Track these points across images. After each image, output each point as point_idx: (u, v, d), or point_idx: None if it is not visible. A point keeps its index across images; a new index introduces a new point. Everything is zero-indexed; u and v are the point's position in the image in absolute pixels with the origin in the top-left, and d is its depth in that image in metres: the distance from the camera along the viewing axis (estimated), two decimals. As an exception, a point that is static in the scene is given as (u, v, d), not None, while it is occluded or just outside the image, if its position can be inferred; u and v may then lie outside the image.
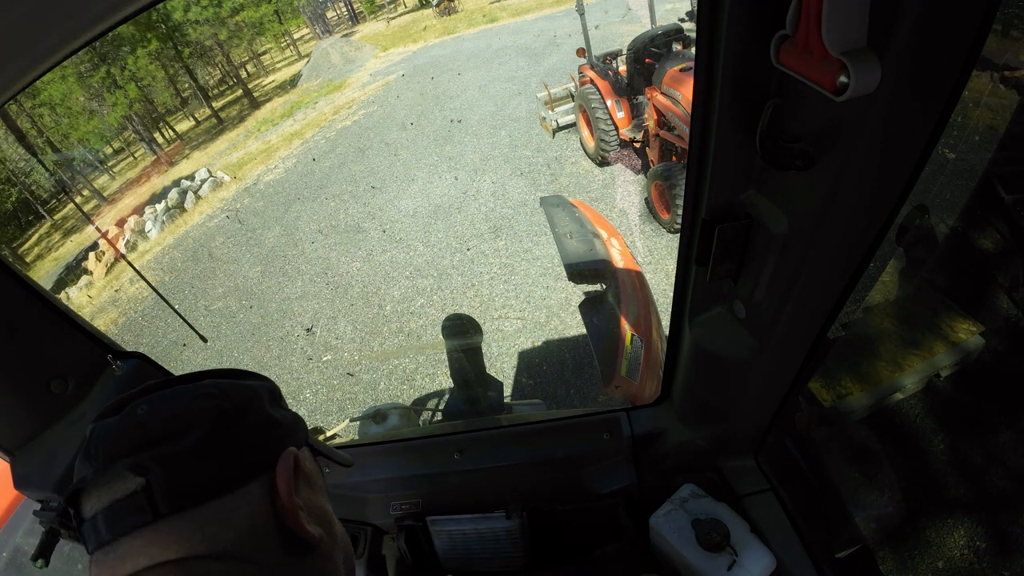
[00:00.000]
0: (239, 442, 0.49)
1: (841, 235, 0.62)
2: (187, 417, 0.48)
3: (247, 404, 0.52)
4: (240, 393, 0.52)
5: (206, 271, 8.00)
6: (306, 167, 10.46)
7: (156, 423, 0.47)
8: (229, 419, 0.49)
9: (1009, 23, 2.52)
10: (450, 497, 1.26)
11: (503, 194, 6.97)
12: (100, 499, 0.45)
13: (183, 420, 0.48)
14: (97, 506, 0.45)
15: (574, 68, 7.14)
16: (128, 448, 0.46)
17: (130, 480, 0.44)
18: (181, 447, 0.46)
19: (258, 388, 0.55)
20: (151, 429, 0.47)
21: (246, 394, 0.53)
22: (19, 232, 17.17)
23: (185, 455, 0.46)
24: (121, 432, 0.47)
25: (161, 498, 0.44)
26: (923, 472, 2.28)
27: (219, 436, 0.48)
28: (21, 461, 0.85)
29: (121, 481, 0.44)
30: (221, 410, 0.49)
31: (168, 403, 0.49)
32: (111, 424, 0.48)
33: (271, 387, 0.59)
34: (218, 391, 0.51)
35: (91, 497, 0.46)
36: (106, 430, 0.48)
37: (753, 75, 0.57)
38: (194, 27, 18.82)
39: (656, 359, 2.25)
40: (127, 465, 0.44)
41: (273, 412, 0.54)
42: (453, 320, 2.33)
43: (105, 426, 0.48)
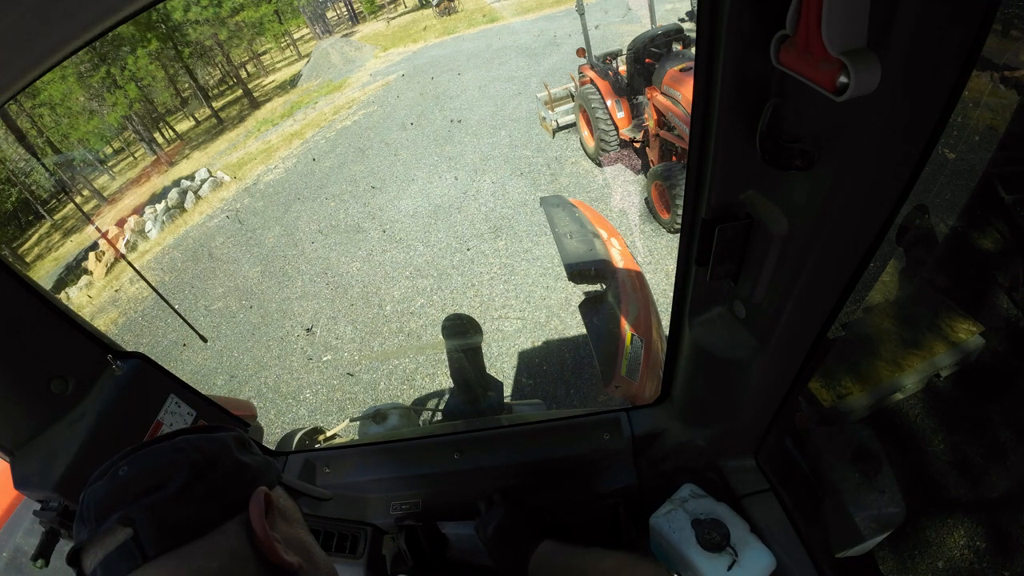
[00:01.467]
0: (213, 487, 0.55)
1: (841, 235, 0.62)
2: (164, 471, 0.54)
3: (217, 454, 0.58)
4: (209, 445, 0.58)
5: (206, 271, 8.00)
6: (306, 167, 10.46)
7: (137, 480, 0.53)
8: (201, 468, 0.55)
9: (1009, 23, 2.52)
10: (450, 497, 1.26)
11: (503, 194, 6.98)
12: (96, 555, 0.50)
13: (161, 474, 0.53)
14: (95, 561, 0.50)
15: (574, 68, 7.14)
16: (116, 505, 0.51)
17: (120, 532, 0.50)
18: (161, 497, 0.52)
19: (226, 439, 0.61)
20: (133, 485, 0.53)
21: (215, 445, 0.59)
22: (19, 232, 17.17)
23: (165, 503, 0.51)
24: (107, 493, 0.53)
25: (148, 543, 0.49)
26: (923, 472, 2.28)
27: (194, 484, 0.53)
28: (21, 461, 0.85)
29: (112, 535, 0.50)
30: (193, 461, 0.55)
31: (145, 461, 0.55)
32: (98, 488, 0.54)
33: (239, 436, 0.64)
34: (188, 445, 0.57)
35: (89, 554, 0.51)
36: (95, 494, 0.53)
37: (753, 75, 0.57)
38: (194, 27, 18.81)
39: (656, 359, 2.24)
40: (115, 519, 0.50)
41: (242, 457, 0.60)
42: (453, 320, 2.33)
43: (94, 491, 0.54)
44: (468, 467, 1.24)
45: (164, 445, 0.57)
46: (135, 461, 0.55)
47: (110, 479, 0.54)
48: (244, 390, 5.24)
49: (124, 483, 0.53)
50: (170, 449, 0.56)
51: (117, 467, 0.54)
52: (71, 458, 0.83)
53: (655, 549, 1.10)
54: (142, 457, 0.55)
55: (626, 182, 6.19)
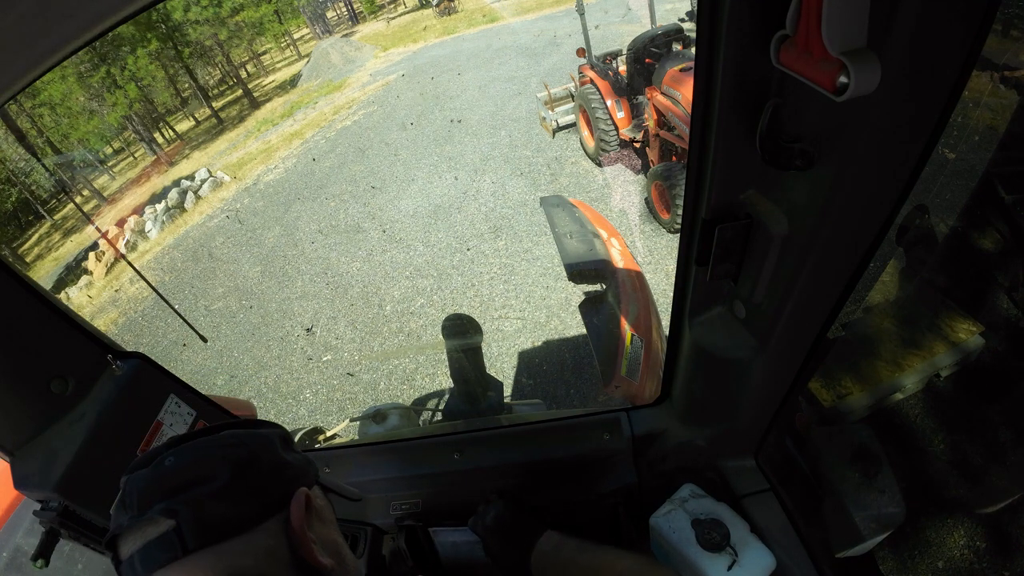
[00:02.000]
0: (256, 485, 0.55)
1: (841, 235, 0.62)
2: (209, 465, 0.54)
3: (261, 451, 0.58)
4: (255, 441, 0.59)
5: (206, 271, 8.00)
6: (306, 167, 10.46)
7: (183, 472, 0.54)
8: (245, 465, 0.55)
9: (1009, 23, 2.52)
10: (450, 497, 1.26)
11: (503, 194, 6.98)
12: (135, 542, 0.51)
13: (206, 468, 0.54)
14: (132, 548, 0.51)
15: (574, 68, 7.14)
16: (159, 495, 0.52)
17: (162, 523, 0.50)
18: (205, 491, 0.52)
19: (271, 435, 0.62)
20: (179, 477, 0.53)
21: (260, 442, 0.59)
22: (19, 232, 17.17)
23: (209, 498, 0.52)
24: (152, 482, 0.53)
25: (189, 536, 0.50)
26: (923, 472, 2.28)
27: (238, 481, 0.54)
28: (21, 461, 0.85)
29: (154, 525, 0.50)
30: (238, 458, 0.56)
31: (191, 454, 0.55)
32: (142, 475, 0.54)
33: (283, 434, 0.64)
34: (236, 441, 0.58)
35: (127, 541, 0.52)
36: (138, 481, 0.54)
37: (753, 75, 0.57)
38: (194, 27, 18.81)
39: (656, 359, 2.24)
40: (159, 510, 0.50)
41: (285, 456, 0.61)
42: (453, 320, 2.33)
43: (137, 478, 0.54)
44: (468, 467, 1.24)
45: (211, 439, 0.57)
46: (182, 452, 0.55)
47: (155, 468, 0.54)
48: (244, 390, 5.24)
49: (169, 473, 0.53)
50: (217, 443, 0.57)
51: (164, 456, 0.55)
52: (71, 458, 0.83)
53: (655, 549, 1.10)
54: (188, 449, 0.56)
55: (626, 182, 6.19)
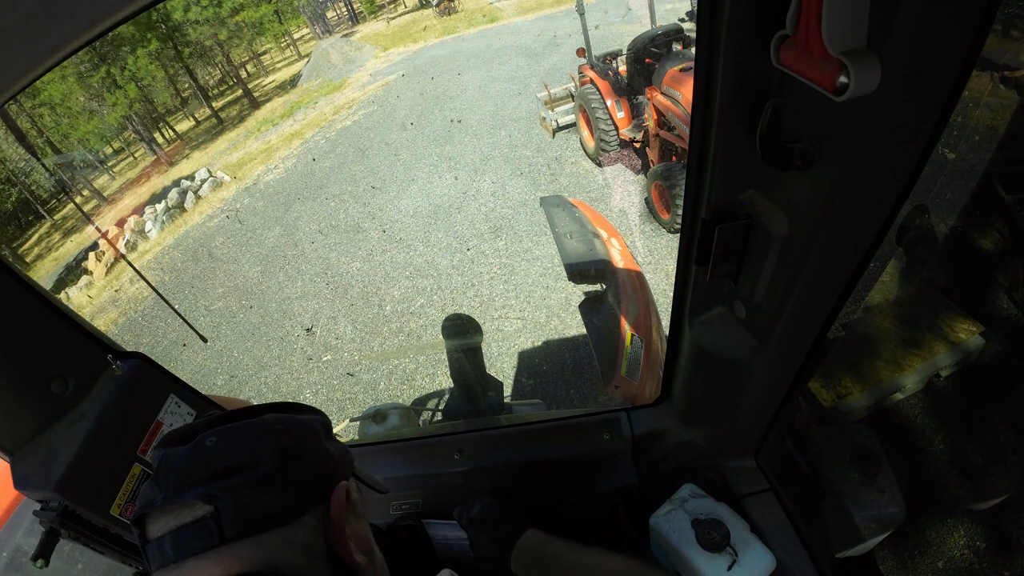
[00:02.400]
0: (299, 476, 0.53)
1: (841, 235, 0.62)
2: (254, 451, 0.52)
3: (305, 439, 0.56)
4: (299, 428, 0.56)
5: (206, 271, 8.00)
6: (306, 167, 10.46)
7: (225, 456, 0.51)
8: (290, 454, 0.53)
9: (1009, 23, 2.51)
10: (450, 497, 1.25)
11: (503, 194, 6.97)
12: (166, 523, 0.48)
13: (250, 454, 0.51)
14: (163, 529, 0.48)
15: (574, 68, 7.14)
16: (198, 478, 0.49)
17: (199, 508, 0.48)
18: (248, 479, 0.50)
19: (314, 423, 0.59)
20: (220, 461, 0.51)
21: (305, 429, 0.57)
22: (19, 232, 17.17)
23: (251, 487, 0.49)
24: (191, 462, 0.51)
25: (228, 524, 0.47)
26: (923, 472, 2.28)
27: (282, 470, 0.52)
28: (21, 461, 0.85)
29: (190, 508, 0.48)
30: (283, 446, 0.53)
31: (235, 437, 0.53)
32: (181, 453, 0.52)
33: (324, 421, 0.62)
34: (280, 427, 0.55)
35: (158, 521, 0.49)
36: (176, 459, 0.51)
37: (753, 75, 0.57)
38: (194, 27, 18.81)
39: (656, 359, 2.25)
40: (198, 494, 0.48)
41: (328, 446, 0.58)
42: (453, 320, 2.33)
43: (175, 455, 0.52)
44: (468, 467, 1.24)
45: (255, 422, 0.55)
46: (225, 435, 0.53)
47: (196, 448, 0.51)
48: (244, 390, 5.24)
49: (211, 456, 0.51)
50: (261, 429, 0.54)
51: (205, 436, 0.52)
52: (71, 458, 0.83)
53: (655, 549, 1.10)
54: (232, 432, 0.53)
55: (626, 182, 6.19)
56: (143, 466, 0.93)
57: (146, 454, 0.94)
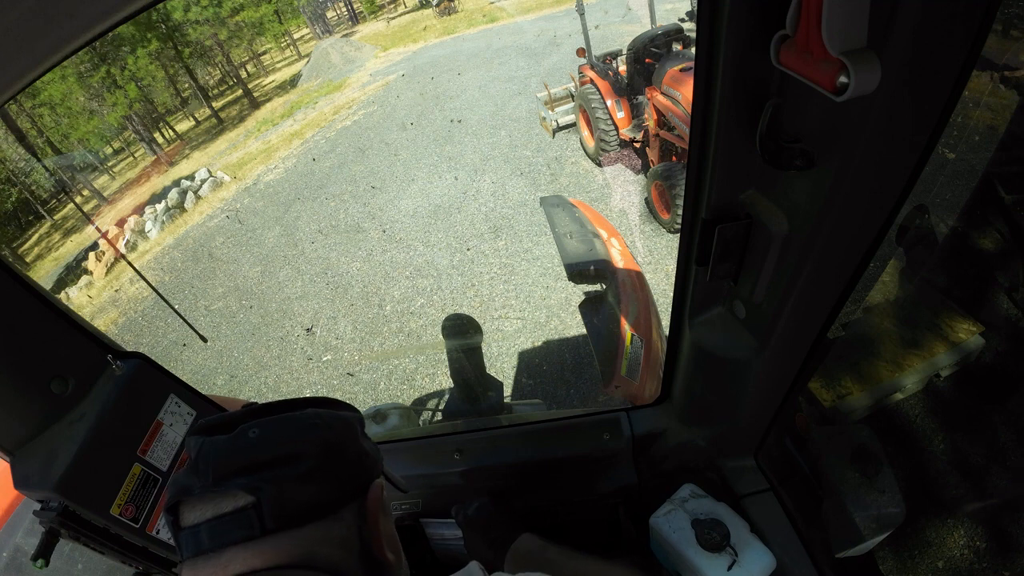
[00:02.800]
0: (339, 472, 0.54)
1: (841, 235, 0.62)
2: (297, 445, 0.52)
3: (345, 436, 0.56)
4: (340, 425, 0.57)
5: (206, 271, 8.00)
6: (306, 167, 10.46)
7: (267, 447, 0.51)
8: (332, 450, 0.54)
9: (1009, 23, 2.52)
10: (450, 497, 1.26)
11: (503, 194, 6.97)
12: (203, 512, 0.48)
13: (293, 447, 0.51)
14: (200, 517, 0.48)
15: (574, 68, 7.14)
16: (240, 468, 0.49)
17: (240, 498, 0.48)
18: (291, 472, 0.50)
19: (352, 420, 0.59)
20: (263, 452, 0.50)
21: (344, 426, 0.57)
22: (19, 232, 17.16)
23: (294, 480, 0.50)
24: (232, 452, 0.50)
25: (269, 516, 0.47)
26: (923, 472, 2.28)
27: (324, 465, 0.52)
28: (21, 461, 0.85)
29: (230, 498, 0.48)
30: (326, 441, 0.53)
31: (278, 430, 0.53)
32: (221, 443, 0.51)
33: (360, 418, 0.62)
34: (321, 422, 0.55)
35: (195, 509, 0.49)
36: (217, 448, 0.51)
37: (753, 75, 0.57)
38: (194, 27, 18.81)
39: (656, 359, 2.25)
40: (240, 484, 0.48)
41: (364, 443, 0.59)
42: (453, 320, 2.33)
43: (216, 443, 0.51)
44: (468, 467, 1.24)
45: (296, 415, 0.55)
46: (268, 426, 0.52)
47: (238, 439, 0.51)
48: (244, 390, 5.24)
49: (253, 447, 0.50)
50: (304, 423, 0.54)
51: (247, 427, 0.52)
52: (71, 458, 0.83)
53: (655, 549, 1.10)
54: (275, 424, 0.53)
55: (626, 182, 6.19)
56: (144, 467, 0.93)
57: (146, 454, 0.94)
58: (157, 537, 0.93)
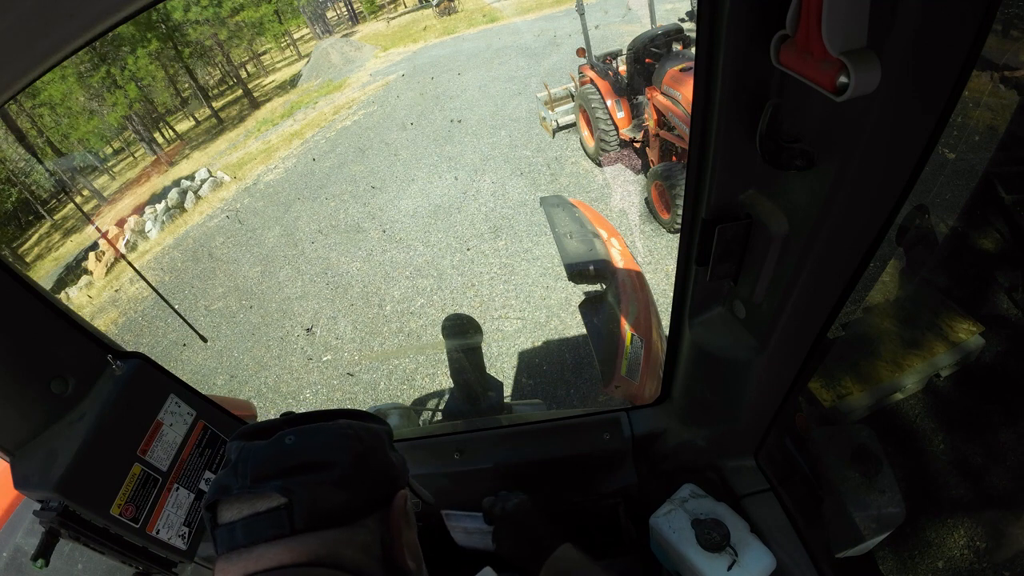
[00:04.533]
0: (367, 480, 0.57)
1: (841, 235, 0.62)
2: (330, 452, 0.55)
3: (375, 447, 0.60)
4: (370, 436, 0.60)
5: (206, 271, 8.00)
6: (306, 167, 10.46)
7: (303, 453, 0.54)
8: (362, 459, 0.57)
9: (1009, 23, 2.52)
10: (450, 497, 1.26)
11: (503, 194, 6.97)
12: (240, 511, 0.52)
13: (328, 454, 0.55)
14: (237, 515, 0.52)
15: (574, 68, 7.14)
16: (277, 471, 0.52)
17: (274, 499, 0.51)
18: (323, 478, 0.53)
19: (381, 432, 0.63)
20: (298, 458, 0.54)
21: (375, 437, 0.61)
22: (19, 232, 17.16)
23: (326, 485, 0.53)
24: (270, 457, 0.54)
25: (300, 517, 0.50)
26: (923, 472, 2.28)
27: (353, 474, 0.55)
28: (21, 461, 0.85)
29: (265, 499, 0.51)
30: (358, 450, 0.57)
31: (312, 437, 0.56)
32: (260, 448, 0.55)
33: (389, 431, 0.66)
34: (353, 432, 0.59)
35: (232, 508, 0.52)
36: (256, 452, 0.54)
37: (753, 75, 0.57)
38: (194, 27, 18.80)
39: (656, 359, 2.24)
40: (275, 486, 0.51)
41: (391, 456, 0.63)
42: (453, 320, 2.33)
43: (255, 448, 0.55)
44: (468, 467, 1.24)
45: (330, 425, 0.58)
46: (304, 434, 0.56)
47: (275, 444, 0.55)
48: (244, 390, 5.24)
49: (290, 452, 0.54)
50: (338, 432, 0.57)
51: (284, 434, 0.55)
52: (71, 458, 0.83)
53: (655, 549, 1.10)
54: (311, 432, 0.56)
55: (626, 182, 6.19)
56: (144, 467, 0.93)
57: (146, 454, 0.94)
58: (157, 537, 0.93)
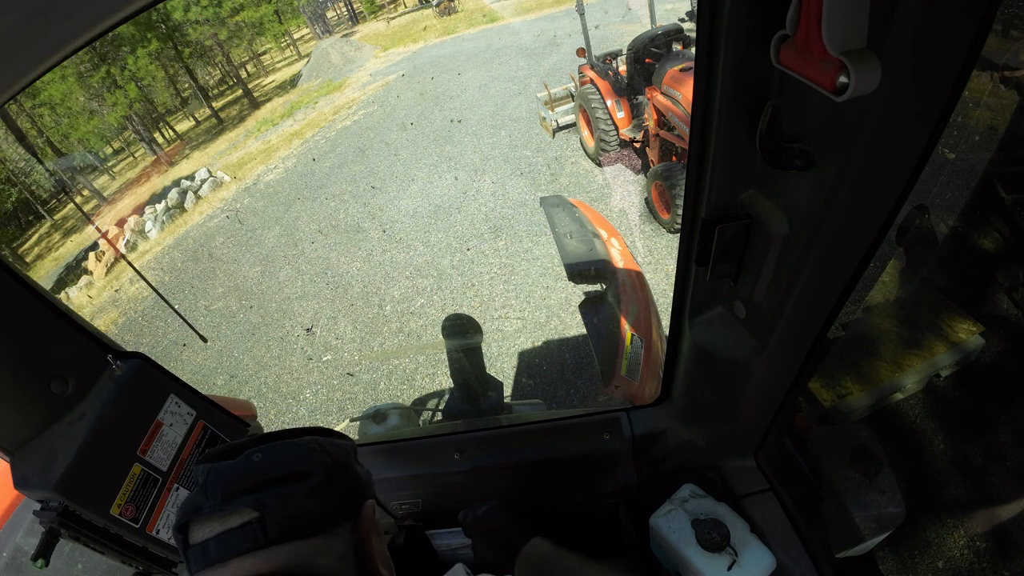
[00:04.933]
0: (337, 491, 0.58)
1: (841, 235, 0.62)
2: (299, 465, 0.56)
3: (343, 460, 0.61)
4: (338, 450, 0.62)
5: (206, 271, 8.00)
6: (306, 167, 10.46)
7: (272, 468, 0.55)
8: (331, 471, 0.58)
9: (1009, 23, 2.52)
10: (450, 497, 1.26)
11: (503, 194, 6.97)
12: (212, 529, 0.52)
13: (296, 467, 0.56)
14: (209, 534, 0.52)
15: (574, 68, 7.14)
16: (247, 487, 0.53)
17: (246, 514, 0.52)
18: (295, 489, 0.54)
19: (347, 447, 0.65)
20: (268, 473, 0.55)
21: (342, 451, 0.62)
22: (19, 232, 17.16)
23: (297, 496, 0.54)
24: (240, 474, 0.55)
25: (273, 528, 0.51)
26: (923, 472, 2.28)
27: (324, 484, 0.56)
28: (21, 461, 0.85)
29: (237, 515, 0.52)
30: (325, 463, 0.58)
31: (281, 453, 0.57)
32: (228, 466, 0.55)
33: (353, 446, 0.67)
34: (320, 448, 0.60)
35: (203, 527, 0.53)
36: (224, 471, 0.55)
37: (753, 75, 0.57)
38: (194, 27, 18.80)
39: (656, 359, 2.24)
40: (247, 502, 0.52)
41: (358, 468, 0.64)
42: (453, 320, 2.33)
43: (223, 467, 0.55)
44: (468, 467, 1.24)
45: (297, 442, 0.60)
46: (271, 451, 0.57)
47: (243, 462, 0.55)
48: (244, 390, 5.24)
49: (259, 468, 0.55)
50: (305, 446, 0.59)
51: (252, 452, 0.56)
52: (71, 458, 0.83)
53: (655, 549, 1.10)
54: (278, 449, 0.58)
55: (626, 182, 6.19)
56: (144, 467, 0.93)
57: (146, 454, 0.94)
58: (157, 537, 0.93)
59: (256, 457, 0.55)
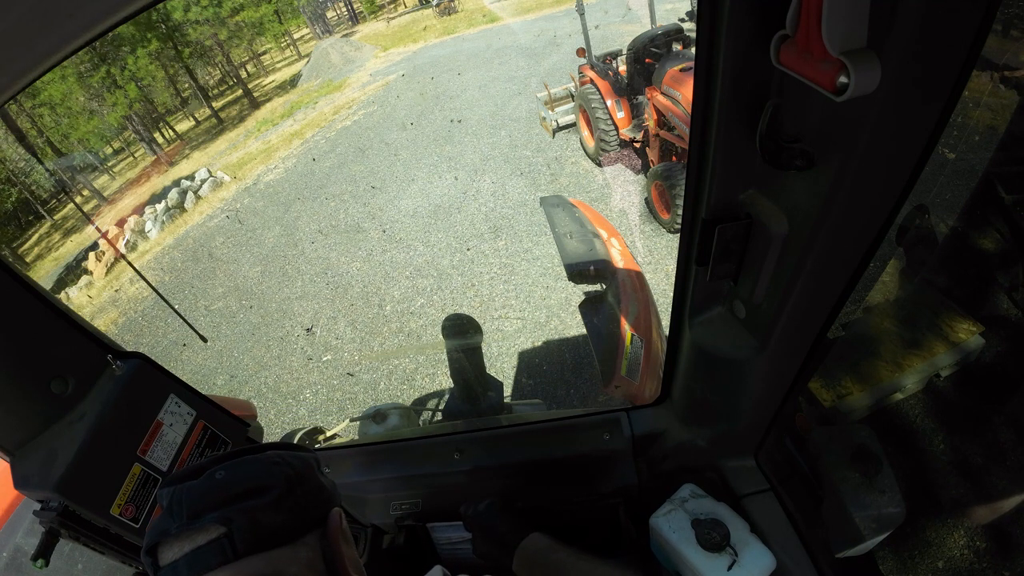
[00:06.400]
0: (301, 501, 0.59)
1: (841, 235, 0.62)
2: (262, 479, 0.57)
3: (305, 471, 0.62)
4: (299, 462, 0.62)
5: (206, 271, 8.00)
6: (306, 167, 10.46)
7: (235, 484, 0.56)
8: (293, 483, 0.59)
9: (1009, 23, 2.52)
10: (450, 497, 1.26)
11: (503, 194, 6.97)
12: (181, 548, 0.52)
13: (260, 481, 0.57)
14: (178, 554, 0.52)
15: (574, 68, 7.14)
16: (212, 504, 0.54)
17: (213, 530, 0.52)
18: (259, 503, 0.55)
19: (310, 459, 0.66)
20: (232, 488, 0.55)
21: (303, 463, 0.63)
22: (19, 232, 17.16)
23: (263, 509, 0.55)
24: (204, 493, 0.55)
25: (241, 541, 0.52)
26: (923, 472, 2.28)
27: (290, 495, 0.57)
28: (21, 461, 0.85)
29: (204, 532, 0.52)
30: (288, 475, 0.59)
31: (244, 468, 0.58)
32: (192, 487, 0.56)
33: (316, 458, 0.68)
34: (282, 460, 0.61)
35: (172, 548, 0.53)
36: (189, 491, 0.55)
37: (753, 75, 0.57)
38: (194, 27, 18.80)
39: (656, 359, 2.24)
40: (213, 519, 0.52)
41: (322, 479, 0.65)
42: (453, 320, 2.33)
43: (186, 488, 0.56)
44: (468, 467, 1.24)
45: (259, 457, 0.61)
46: (233, 467, 0.58)
47: (206, 480, 0.56)
48: (244, 390, 5.24)
49: (222, 485, 0.55)
50: (266, 461, 0.60)
51: (214, 470, 0.57)
52: (71, 458, 0.83)
53: (655, 549, 1.10)
54: (240, 464, 0.58)
55: (626, 182, 6.19)
56: (144, 467, 0.93)
57: (146, 454, 0.94)
58: (157, 537, 0.93)
59: (219, 475, 0.56)
